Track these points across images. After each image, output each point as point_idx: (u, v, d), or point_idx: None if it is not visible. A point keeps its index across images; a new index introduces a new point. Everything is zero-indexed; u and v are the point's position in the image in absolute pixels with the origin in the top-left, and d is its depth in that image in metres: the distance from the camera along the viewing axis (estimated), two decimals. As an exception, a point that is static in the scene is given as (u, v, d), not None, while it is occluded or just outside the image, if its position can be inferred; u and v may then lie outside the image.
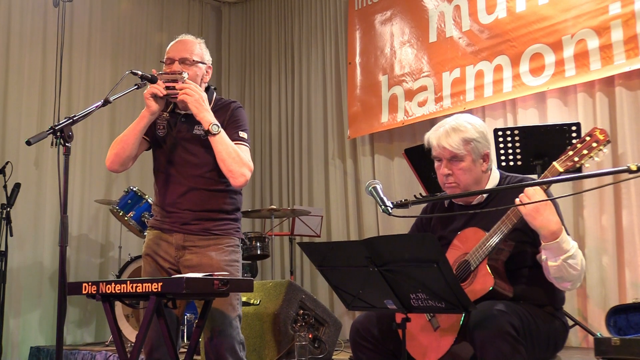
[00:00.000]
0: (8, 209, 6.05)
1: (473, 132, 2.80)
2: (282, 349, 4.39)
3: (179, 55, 3.24)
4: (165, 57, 3.30)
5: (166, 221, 3.26)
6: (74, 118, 2.78)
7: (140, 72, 3.14)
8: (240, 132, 3.25)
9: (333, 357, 4.72)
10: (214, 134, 3.10)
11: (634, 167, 2.06)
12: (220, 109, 3.29)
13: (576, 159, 2.51)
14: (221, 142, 3.13)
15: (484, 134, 2.84)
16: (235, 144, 3.19)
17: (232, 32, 8.96)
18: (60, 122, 2.72)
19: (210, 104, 3.26)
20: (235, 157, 3.13)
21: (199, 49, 3.32)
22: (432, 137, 2.87)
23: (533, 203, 2.50)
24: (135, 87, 3.14)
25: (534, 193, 2.51)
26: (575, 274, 2.55)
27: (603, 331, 4.31)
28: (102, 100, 2.94)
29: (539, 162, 4.55)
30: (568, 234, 2.60)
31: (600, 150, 2.50)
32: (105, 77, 7.53)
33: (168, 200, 3.26)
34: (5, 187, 6.17)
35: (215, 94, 3.38)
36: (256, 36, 8.69)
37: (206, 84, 3.36)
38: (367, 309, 2.63)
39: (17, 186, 6.15)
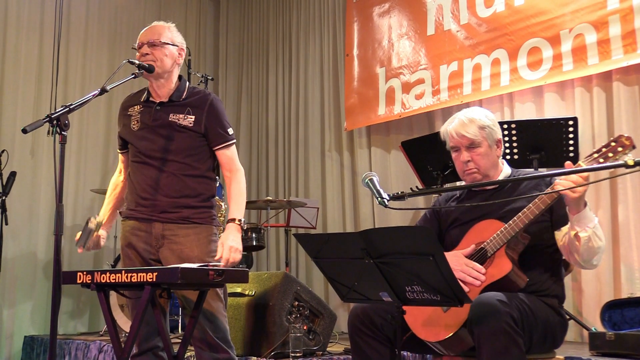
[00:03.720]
0: (3, 198, 6.03)
1: (486, 120, 2.97)
2: (277, 340, 4.39)
3: (147, 39, 3.28)
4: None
5: (143, 210, 3.26)
6: (71, 106, 2.77)
7: (137, 62, 3.15)
8: (227, 130, 3.32)
9: (328, 348, 4.73)
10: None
11: (630, 162, 2.06)
12: (197, 100, 3.33)
13: (601, 160, 2.55)
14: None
15: (495, 121, 3.02)
16: (224, 146, 3.30)
17: (230, 23, 8.94)
18: (57, 111, 2.71)
19: (183, 94, 3.33)
20: (244, 196, 3.33)
21: (168, 32, 3.34)
22: (450, 128, 3.01)
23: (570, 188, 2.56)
24: (132, 76, 3.15)
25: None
26: (601, 244, 2.65)
27: (598, 326, 4.32)
28: (99, 89, 2.94)
29: (536, 157, 4.55)
30: None
31: (625, 154, 2.53)
32: (102, 66, 7.51)
33: (144, 187, 3.27)
34: (0, 175, 6.14)
35: (188, 83, 3.42)
36: (254, 27, 8.67)
37: (180, 66, 3.38)
38: (362, 301, 2.64)
39: (13, 174, 6.12)
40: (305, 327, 4.52)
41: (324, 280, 6.90)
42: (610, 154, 2.55)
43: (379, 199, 2.54)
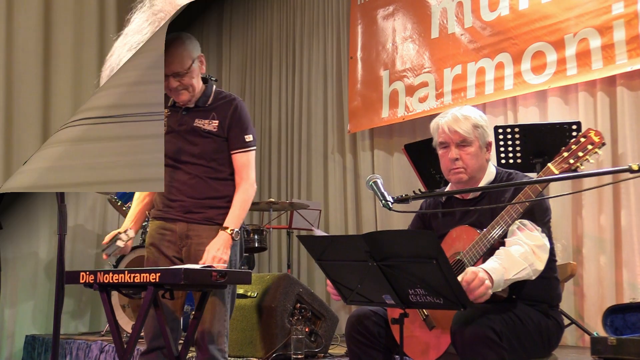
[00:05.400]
0: (6, 197, 6.05)
1: (480, 119, 2.86)
2: (279, 342, 4.39)
3: (171, 71, 3.19)
4: None
5: (169, 210, 3.30)
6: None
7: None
8: (246, 136, 3.31)
9: (329, 351, 4.73)
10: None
11: (635, 167, 2.05)
12: (222, 104, 3.34)
13: (571, 161, 2.53)
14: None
15: (488, 123, 2.92)
16: (240, 151, 3.28)
17: (234, 25, 8.94)
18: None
19: (209, 99, 3.34)
20: (245, 208, 3.28)
21: (188, 52, 3.28)
22: (442, 122, 2.88)
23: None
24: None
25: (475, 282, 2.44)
26: (523, 275, 2.56)
27: (600, 331, 4.32)
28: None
29: (539, 161, 4.55)
30: (550, 235, 2.69)
31: (596, 152, 2.51)
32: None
33: (171, 190, 3.30)
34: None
35: (214, 86, 3.42)
36: (257, 30, 8.67)
37: (204, 74, 3.37)
38: (365, 303, 2.63)
39: (15, 174, 6.12)
40: (307, 329, 4.52)
41: (325, 282, 6.89)
42: (580, 153, 2.51)
43: (383, 201, 2.52)
